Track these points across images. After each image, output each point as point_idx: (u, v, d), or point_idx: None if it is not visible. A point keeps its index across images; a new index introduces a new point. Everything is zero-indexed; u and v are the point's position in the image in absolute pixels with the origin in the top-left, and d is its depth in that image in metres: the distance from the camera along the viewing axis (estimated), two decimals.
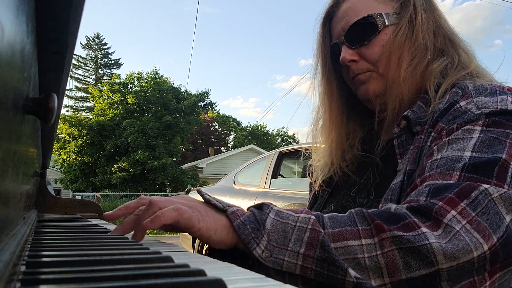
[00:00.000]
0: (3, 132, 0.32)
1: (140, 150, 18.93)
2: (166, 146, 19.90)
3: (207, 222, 0.60)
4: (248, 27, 67.61)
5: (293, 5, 69.92)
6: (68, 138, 20.30)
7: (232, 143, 35.36)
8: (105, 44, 36.65)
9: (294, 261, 0.57)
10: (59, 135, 20.14)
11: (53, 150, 1.86)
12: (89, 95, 31.39)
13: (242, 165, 5.30)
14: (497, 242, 0.55)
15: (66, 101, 36.37)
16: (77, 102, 35.53)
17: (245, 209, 0.64)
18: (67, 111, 32.49)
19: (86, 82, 35.24)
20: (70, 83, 34.30)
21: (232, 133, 36.00)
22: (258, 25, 68.52)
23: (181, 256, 0.51)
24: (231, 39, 66.98)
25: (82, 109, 34.97)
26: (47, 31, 0.57)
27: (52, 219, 1.15)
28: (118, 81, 23.20)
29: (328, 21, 0.92)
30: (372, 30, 0.83)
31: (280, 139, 38.27)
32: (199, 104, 25.45)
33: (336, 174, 0.93)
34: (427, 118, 0.76)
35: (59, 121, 3.02)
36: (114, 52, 44.90)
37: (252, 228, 0.59)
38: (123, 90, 22.01)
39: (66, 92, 18.86)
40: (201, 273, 0.34)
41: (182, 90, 23.85)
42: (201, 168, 22.02)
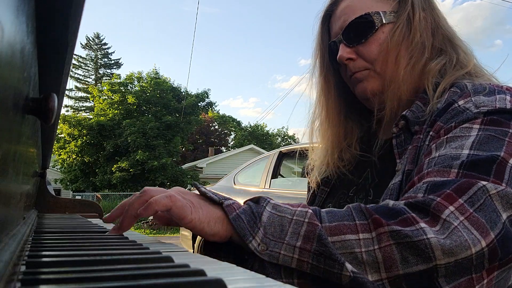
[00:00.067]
0: (3, 132, 0.32)
1: (140, 150, 18.92)
2: (166, 146, 19.90)
3: (200, 213, 0.60)
4: (248, 27, 67.64)
5: (293, 5, 69.94)
6: (68, 138, 20.30)
7: (232, 143, 35.37)
8: (105, 44, 36.69)
9: (291, 254, 0.56)
10: (59, 135, 20.13)
11: (53, 150, 1.86)
12: (89, 95, 31.37)
13: (242, 165, 5.30)
14: (494, 239, 0.54)
15: (66, 101, 36.42)
16: (77, 102, 35.59)
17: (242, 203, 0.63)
18: (67, 111, 32.56)
19: (86, 82, 35.26)
20: (70, 83, 34.37)
21: (232, 133, 36.02)
22: (258, 25, 68.55)
23: (181, 256, 0.51)
24: (231, 39, 67.03)
25: (82, 109, 34.99)
26: (47, 31, 0.57)
27: (52, 219, 1.15)
28: (118, 81, 23.20)
29: (327, 19, 0.93)
30: (369, 28, 0.83)
31: (280, 139, 38.29)
32: (199, 104, 25.44)
33: (334, 173, 0.93)
34: (426, 117, 0.76)
35: (59, 121, 3.02)
36: (114, 52, 44.99)
37: (248, 221, 0.58)
38: (123, 90, 22.00)
39: (66, 92, 18.86)
40: (201, 273, 0.34)
41: (182, 90, 23.86)
42: (201, 168, 22.03)
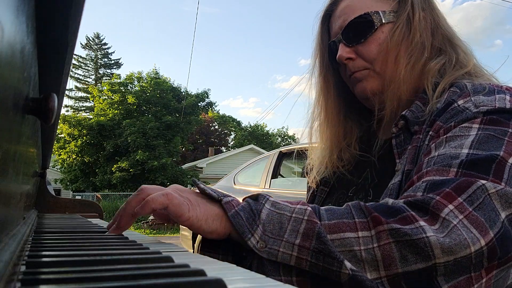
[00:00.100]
0: (3, 132, 0.32)
1: (140, 150, 18.92)
2: (166, 146, 19.90)
3: (197, 211, 0.59)
4: (248, 27, 67.64)
5: (293, 5, 69.93)
6: (68, 138, 20.30)
7: (232, 143, 35.37)
8: (105, 44, 36.68)
9: (289, 252, 0.56)
10: (59, 135, 20.13)
11: (53, 150, 1.86)
12: (89, 95, 31.37)
13: (242, 165, 5.30)
14: (493, 238, 0.54)
15: (66, 101, 36.42)
16: (77, 102, 35.58)
17: (235, 195, 0.63)
18: (67, 111, 32.54)
19: (86, 82, 35.25)
20: (70, 83, 34.36)
21: (232, 133, 36.02)
22: (258, 25, 68.55)
23: (181, 256, 0.51)
24: (231, 39, 67.03)
25: (82, 109, 34.98)
26: (47, 31, 0.57)
27: (52, 219, 1.15)
28: (118, 81, 23.20)
29: (326, 19, 0.93)
30: (368, 28, 0.83)
31: (280, 139, 38.29)
32: (199, 104, 25.45)
33: (333, 173, 0.93)
34: (425, 117, 0.76)
35: (59, 121, 3.02)
36: (114, 52, 44.97)
37: (247, 218, 0.58)
38: (123, 90, 22.00)
39: (66, 92, 18.86)
40: (201, 273, 0.34)
41: (182, 90, 23.86)
42: (201, 168, 22.02)
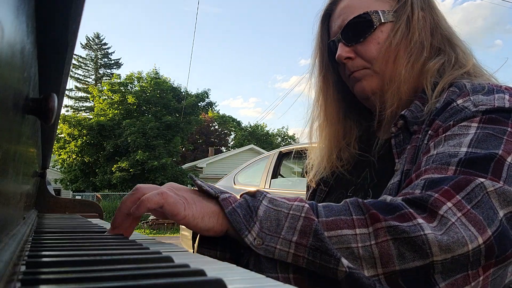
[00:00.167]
0: (3, 132, 0.32)
1: (140, 150, 18.92)
2: (166, 146, 19.90)
3: (193, 209, 0.59)
4: (248, 27, 67.65)
5: (293, 5, 69.95)
6: (68, 138, 20.30)
7: (232, 143, 35.36)
8: (105, 44, 36.67)
9: (286, 249, 0.56)
10: (59, 135, 20.14)
11: (53, 150, 1.86)
12: (89, 95, 31.39)
13: (242, 165, 5.31)
14: (491, 236, 0.54)
15: (66, 101, 36.41)
16: (77, 102, 35.56)
17: (236, 194, 0.63)
18: (67, 111, 32.53)
19: (86, 82, 35.24)
20: (70, 83, 34.35)
21: (232, 133, 36.02)
22: (259, 25, 68.56)
23: (181, 256, 0.51)
24: (231, 39, 67.04)
25: (82, 109, 34.97)
26: (47, 31, 0.57)
27: (52, 219, 1.15)
28: (118, 81, 23.21)
29: (326, 19, 0.93)
30: (367, 27, 0.83)
31: (280, 139, 38.29)
32: (199, 104, 25.46)
33: (332, 173, 0.93)
34: (424, 117, 0.76)
35: (59, 121, 3.02)
36: (114, 52, 44.96)
37: (244, 215, 0.58)
38: (123, 90, 22.01)
39: (66, 92, 18.86)
40: (201, 273, 0.34)
41: (182, 90, 23.87)
42: (201, 168, 22.01)
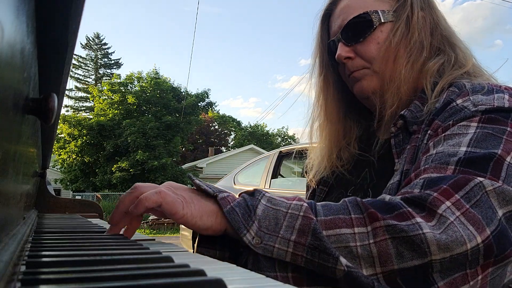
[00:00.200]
0: (3, 132, 0.32)
1: (140, 150, 18.92)
2: (166, 146, 19.90)
3: (192, 208, 0.59)
4: (248, 27, 67.66)
5: (293, 4, 69.97)
6: (68, 138, 20.29)
7: (232, 143, 35.37)
8: (105, 44, 36.65)
9: (285, 248, 0.56)
10: (59, 135, 20.13)
11: (53, 150, 1.86)
12: (89, 95, 31.38)
13: (242, 165, 5.31)
14: (490, 235, 0.54)
15: (66, 101, 36.41)
16: (77, 102, 35.54)
17: (235, 194, 0.63)
18: (67, 111, 32.51)
19: (86, 82, 35.23)
20: (70, 83, 34.33)
21: (232, 133, 36.02)
22: (259, 24, 68.58)
23: (181, 256, 0.51)
24: (232, 39, 67.04)
25: (82, 109, 34.96)
26: (47, 31, 0.57)
27: (52, 219, 1.15)
28: (118, 81, 23.19)
29: (326, 18, 0.93)
30: (367, 27, 0.83)
31: (280, 139, 38.29)
32: (199, 104, 25.44)
33: (332, 173, 0.93)
34: (424, 117, 0.76)
35: (59, 121, 3.02)
36: (114, 52, 44.92)
37: (242, 214, 0.58)
38: (123, 90, 21.99)
39: (66, 92, 18.86)
40: (201, 273, 0.34)
41: (182, 90, 23.85)
42: (201, 168, 22.01)
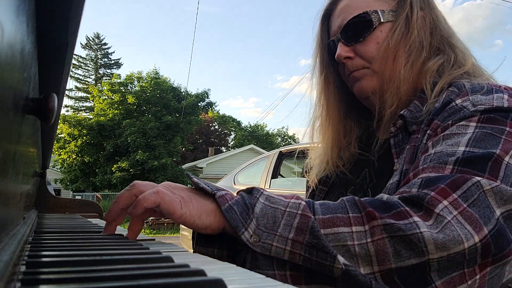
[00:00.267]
0: (3, 132, 0.32)
1: (140, 150, 18.92)
2: (166, 146, 19.90)
3: (190, 207, 0.59)
4: (248, 27, 67.67)
5: (293, 4, 69.96)
6: (68, 138, 20.30)
7: (232, 143, 35.38)
8: (105, 44, 36.66)
9: (283, 246, 0.56)
10: (59, 135, 20.13)
11: (53, 150, 1.86)
12: (89, 95, 31.39)
13: (242, 165, 5.31)
14: (488, 235, 0.54)
15: (66, 101, 36.40)
16: (77, 102, 35.55)
17: (234, 193, 0.63)
18: (67, 111, 32.51)
19: (86, 82, 35.23)
20: (70, 83, 34.33)
21: (232, 133, 36.03)
22: (259, 24, 68.57)
23: (181, 256, 0.51)
24: (232, 39, 67.05)
25: (82, 109, 34.97)
26: (47, 31, 0.57)
27: (52, 219, 1.15)
28: (118, 81, 23.19)
29: (326, 18, 0.93)
30: (367, 27, 0.83)
31: (280, 139, 38.30)
32: (199, 104, 25.44)
33: (332, 172, 0.93)
34: (423, 117, 0.76)
35: (59, 121, 3.02)
36: (114, 52, 44.93)
37: (240, 212, 0.58)
38: (123, 90, 22.00)
39: (66, 92, 18.85)
40: (201, 273, 0.34)
41: (182, 90, 23.85)
42: (201, 168, 22.02)
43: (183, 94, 23.56)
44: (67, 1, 0.51)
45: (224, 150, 31.56)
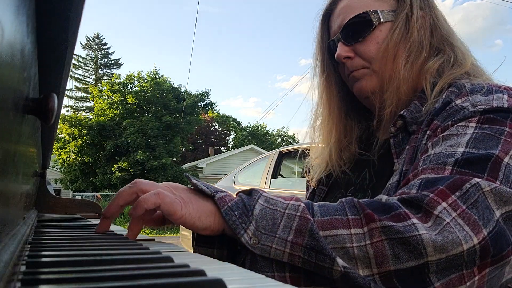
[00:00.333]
0: (3, 132, 0.32)
1: (140, 150, 18.91)
2: (166, 146, 19.90)
3: (190, 208, 0.59)
4: (248, 27, 67.66)
5: (293, 4, 69.96)
6: (68, 138, 20.29)
7: (232, 143, 35.38)
8: (105, 44, 36.63)
9: (282, 248, 0.56)
10: (59, 135, 20.12)
11: (53, 150, 1.86)
12: (89, 95, 31.39)
13: (242, 165, 5.31)
14: (487, 236, 0.54)
15: (66, 101, 36.38)
16: (77, 102, 35.53)
17: (234, 194, 0.63)
18: (67, 111, 32.50)
19: (86, 82, 35.21)
20: (70, 83, 34.30)
21: (232, 133, 36.03)
22: (259, 24, 68.56)
23: (181, 256, 0.51)
24: (232, 39, 67.03)
25: (82, 109, 34.95)
26: (47, 31, 0.57)
27: (52, 219, 1.15)
28: (118, 81, 23.17)
29: (326, 18, 0.93)
30: (367, 26, 0.83)
31: (280, 139, 38.30)
32: (199, 104, 25.42)
33: (332, 172, 0.93)
34: (423, 117, 0.76)
35: (59, 121, 3.02)
36: (114, 52, 44.83)
37: (240, 214, 0.58)
38: (123, 90, 21.98)
39: (66, 92, 18.85)
40: (201, 273, 0.34)
41: (182, 90, 23.83)
42: (201, 168, 22.01)
43: (183, 94, 23.55)
44: (67, 1, 0.51)
45: (224, 150, 31.56)
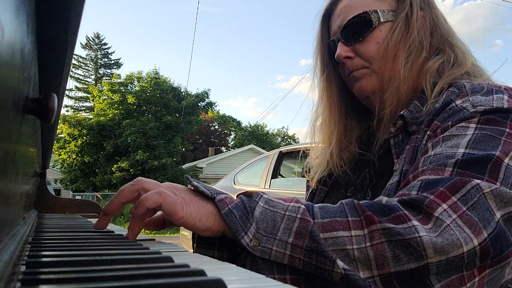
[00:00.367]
0: (3, 132, 0.32)
1: (140, 150, 18.93)
2: (166, 146, 19.90)
3: (191, 209, 0.59)
4: (248, 27, 67.65)
5: (294, 4, 69.94)
6: (68, 138, 20.30)
7: (232, 143, 35.38)
8: (105, 44, 36.63)
9: (282, 250, 0.56)
10: (59, 135, 20.13)
11: (53, 150, 1.86)
12: (89, 95, 31.40)
13: (242, 165, 5.31)
14: (487, 238, 0.54)
15: (66, 101, 36.38)
16: (77, 102, 35.53)
17: (234, 196, 0.63)
18: (67, 111, 32.50)
19: (86, 82, 35.21)
20: (70, 83, 34.31)
21: (232, 133, 36.03)
22: (259, 24, 68.55)
23: (181, 256, 0.51)
24: (232, 39, 67.03)
25: (82, 109, 34.95)
26: (47, 31, 0.57)
27: (52, 219, 1.15)
28: (118, 81, 23.19)
29: (326, 18, 0.93)
30: (367, 26, 0.83)
31: (280, 139, 38.30)
32: (199, 104, 25.42)
33: (333, 172, 0.93)
34: (423, 117, 0.76)
35: (59, 121, 3.02)
36: (114, 52, 44.87)
37: (240, 216, 0.58)
38: (123, 90, 21.99)
39: (66, 92, 18.84)
40: (201, 273, 0.34)
41: (182, 90, 23.83)
42: (201, 168, 22.01)
43: (183, 94, 23.54)
44: (67, 1, 0.51)
45: (224, 150, 31.56)
